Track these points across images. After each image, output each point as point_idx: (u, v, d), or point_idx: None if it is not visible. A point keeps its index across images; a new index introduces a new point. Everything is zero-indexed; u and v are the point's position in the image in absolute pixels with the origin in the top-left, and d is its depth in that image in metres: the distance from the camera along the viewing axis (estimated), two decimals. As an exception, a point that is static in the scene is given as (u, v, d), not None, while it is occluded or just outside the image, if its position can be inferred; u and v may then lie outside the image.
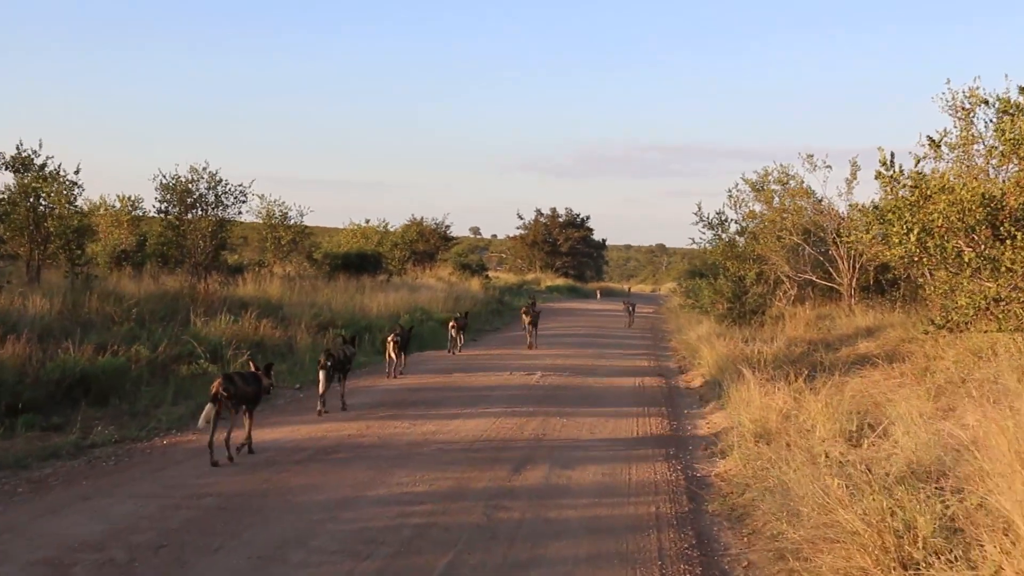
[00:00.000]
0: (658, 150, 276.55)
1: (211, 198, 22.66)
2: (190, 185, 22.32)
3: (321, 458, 8.50)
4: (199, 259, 22.55)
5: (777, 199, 28.27)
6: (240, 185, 23.01)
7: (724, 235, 29.56)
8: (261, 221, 34.95)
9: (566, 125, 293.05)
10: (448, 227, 53.35)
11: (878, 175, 13.69)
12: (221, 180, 22.63)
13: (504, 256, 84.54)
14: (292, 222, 35.02)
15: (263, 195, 34.70)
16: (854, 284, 26.14)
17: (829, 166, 25.78)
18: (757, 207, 28.34)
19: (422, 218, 51.97)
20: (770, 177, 28.66)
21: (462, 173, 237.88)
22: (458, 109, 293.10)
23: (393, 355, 14.80)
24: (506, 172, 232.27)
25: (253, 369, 9.14)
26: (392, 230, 42.47)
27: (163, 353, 12.51)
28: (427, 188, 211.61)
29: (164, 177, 22.10)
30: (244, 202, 23.22)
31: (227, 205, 22.99)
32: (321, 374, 11.25)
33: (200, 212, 22.82)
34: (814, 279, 27.80)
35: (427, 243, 51.15)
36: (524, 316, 21.48)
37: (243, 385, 8.45)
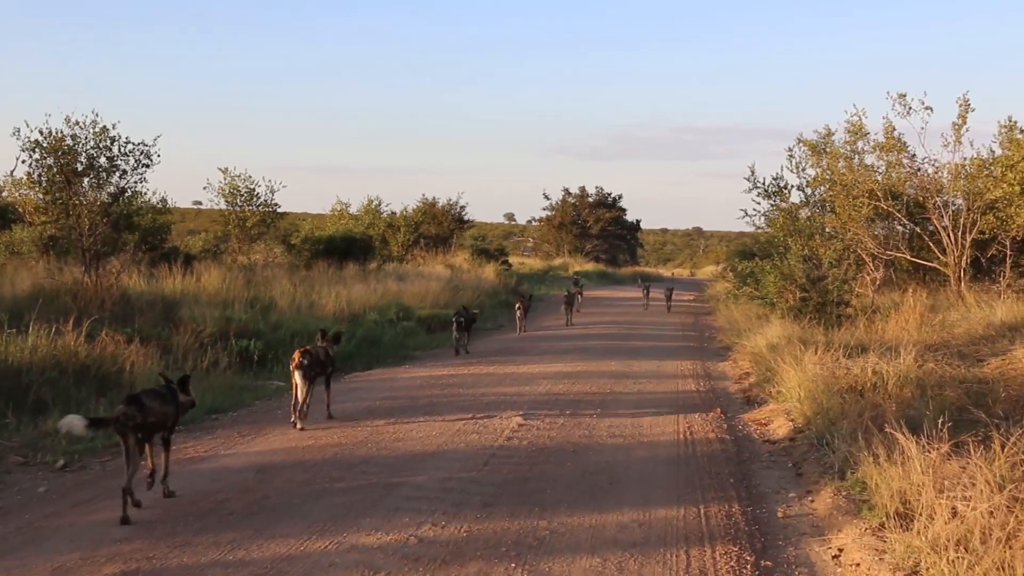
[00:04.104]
0: (694, 131, 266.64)
1: (102, 161, 16.81)
2: (75, 144, 16.48)
3: None
4: (86, 244, 16.73)
5: (841, 163, 21.89)
6: (141, 143, 17.10)
7: (784, 203, 23.31)
8: (225, 202, 29.26)
9: (601, 107, 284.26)
10: (463, 208, 47.14)
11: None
12: (116, 138, 16.78)
13: (536, 241, 78.56)
14: (261, 200, 29.29)
15: (226, 168, 28.64)
16: (964, 264, 19.85)
17: (929, 108, 19.40)
18: (838, 165, 21.98)
19: (434, 198, 45.93)
20: (834, 138, 22.37)
21: (496, 158, 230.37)
22: (489, 93, 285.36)
23: (456, 334, 15.54)
24: (541, 157, 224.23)
25: (165, 383, 6.80)
26: (388, 211, 36.53)
27: None
28: (460, 173, 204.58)
29: (32, 132, 16.20)
30: (148, 166, 17.32)
31: (125, 171, 17.13)
32: (296, 375, 8.79)
33: (93, 180, 17.00)
34: (908, 257, 21.49)
35: (440, 226, 45.22)
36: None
37: (157, 407, 6.22)
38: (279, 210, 29.98)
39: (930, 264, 20.51)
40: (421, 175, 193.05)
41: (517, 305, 19.93)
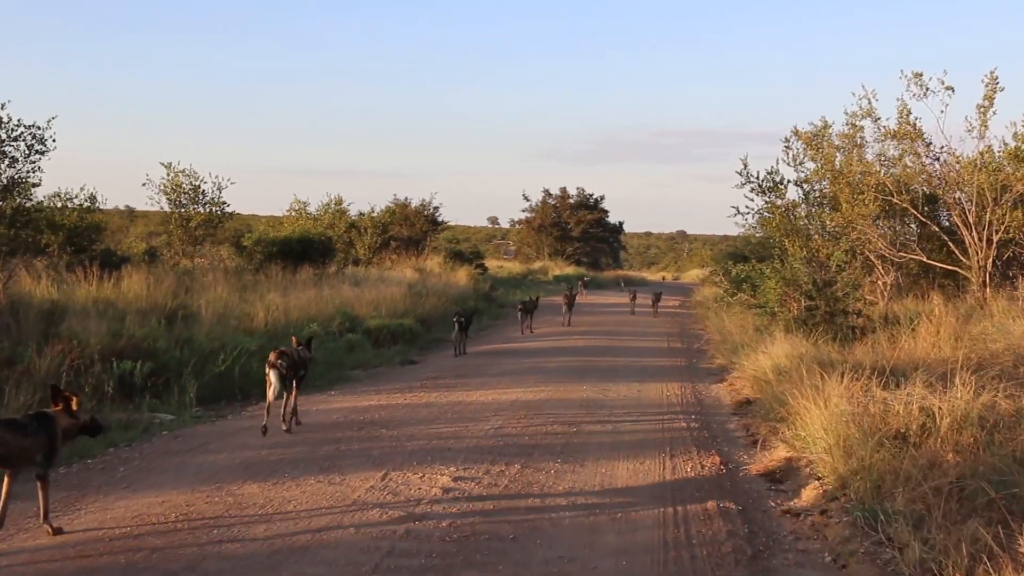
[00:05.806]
0: (679, 135, 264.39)
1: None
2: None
3: None
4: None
5: (839, 156, 19.49)
6: (34, 126, 14.55)
7: (780, 200, 20.87)
8: (168, 201, 26.42)
9: (586, 111, 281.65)
10: (437, 209, 44.49)
11: None
12: (2, 120, 14.23)
13: (517, 244, 76.11)
14: (208, 199, 26.50)
15: (170, 164, 25.88)
16: (989, 267, 17.47)
17: (951, 88, 16.97)
18: (836, 157, 19.58)
19: (407, 198, 43.35)
20: (831, 130, 19.96)
21: (487, 161, 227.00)
22: (484, 94, 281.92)
23: (454, 337, 15.60)
24: (526, 160, 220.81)
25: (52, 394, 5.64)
26: (353, 211, 33.99)
27: None
28: (451, 175, 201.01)
29: None
30: (43, 153, 14.78)
31: (16, 158, 14.59)
32: (271, 375, 8.09)
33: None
34: (925, 260, 19.06)
35: (412, 228, 42.71)
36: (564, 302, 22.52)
37: (10, 439, 5.15)
38: (228, 210, 27.29)
39: (949, 267, 18.12)
40: (414, 178, 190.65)
41: (519, 307, 20.13)
